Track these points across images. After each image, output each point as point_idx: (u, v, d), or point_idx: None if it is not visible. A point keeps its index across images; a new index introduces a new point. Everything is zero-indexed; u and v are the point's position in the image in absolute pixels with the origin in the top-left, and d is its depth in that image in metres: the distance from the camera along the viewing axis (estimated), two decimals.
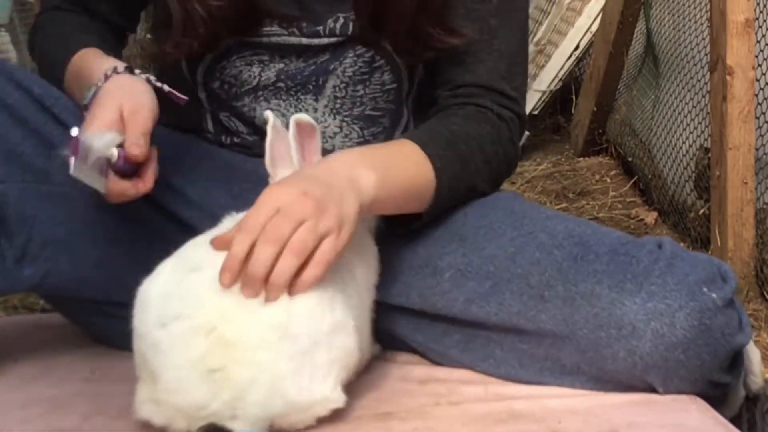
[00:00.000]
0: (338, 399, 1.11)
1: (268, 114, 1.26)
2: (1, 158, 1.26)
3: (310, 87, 1.40)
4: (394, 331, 1.32)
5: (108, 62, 1.28)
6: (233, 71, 1.40)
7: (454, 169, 1.31)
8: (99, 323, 1.41)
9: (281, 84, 1.40)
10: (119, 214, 1.29)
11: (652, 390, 1.20)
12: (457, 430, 1.14)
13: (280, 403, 1.06)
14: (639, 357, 1.17)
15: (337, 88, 1.41)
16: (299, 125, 1.22)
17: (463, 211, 1.34)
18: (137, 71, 1.26)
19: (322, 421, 1.11)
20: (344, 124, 1.43)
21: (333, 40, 1.38)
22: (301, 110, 1.41)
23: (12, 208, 1.25)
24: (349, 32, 1.37)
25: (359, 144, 1.43)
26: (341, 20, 1.37)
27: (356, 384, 1.19)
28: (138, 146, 1.18)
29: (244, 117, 1.43)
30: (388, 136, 1.45)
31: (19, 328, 1.59)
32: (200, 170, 1.34)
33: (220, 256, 1.07)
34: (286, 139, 1.22)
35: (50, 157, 1.27)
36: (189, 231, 1.22)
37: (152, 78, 1.26)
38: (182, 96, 1.28)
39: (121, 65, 1.26)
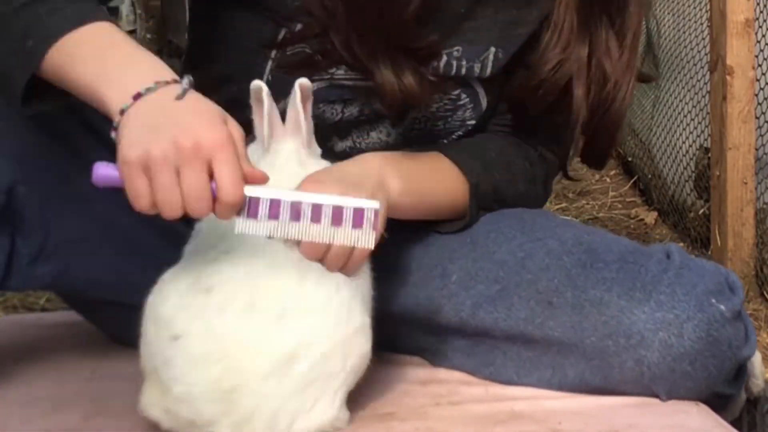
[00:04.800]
0: (344, 418, 1.11)
1: (260, 83, 1.19)
2: (24, 158, 1.25)
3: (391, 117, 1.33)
4: (396, 342, 1.32)
5: (160, 65, 1.07)
6: (316, 112, 1.28)
7: (486, 195, 1.32)
8: (112, 322, 1.41)
9: (363, 117, 1.34)
10: (135, 217, 1.27)
11: (657, 397, 1.20)
12: (457, 431, 1.14)
13: (285, 428, 1.06)
14: (647, 367, 1.17)
15: (417, 120, 1.35)
16: (302, 89, 1.19)
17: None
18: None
19: None
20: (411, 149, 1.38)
21: (432, 78, 1.28)
22: (373, 136, 1.36)
23: (33, 208, 1.24)
24: (452, 74, 1.30)
25: None
26: (444, 58, 1.29)
27: (356, 384, 1.19)
28: None
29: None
30: None
31: (19, 328, 1.59)
32: None
33: (230, 276, 1.07)
34: (275, 109, 1.19)
35: (67, 161, 1.25)
36: None
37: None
38: None
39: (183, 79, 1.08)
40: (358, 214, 1.01)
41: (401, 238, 1.31)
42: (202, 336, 1.05)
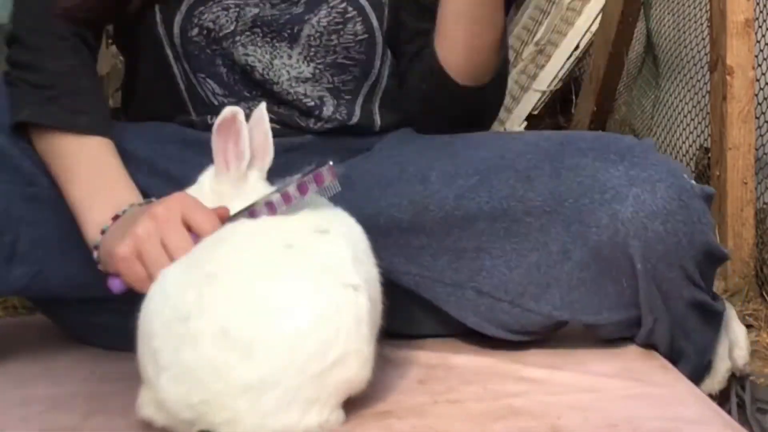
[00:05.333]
0: (336, 419, 1.10)
1: (235, 109, 1.21)
2: None
3: (285, 35, 1.43)
4: (387, 267, 1.26)
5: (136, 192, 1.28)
6: (211, 16, 1.42)
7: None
8: (87, 320, 1.42)
9: (257, 30, 1.43)
10: None
11: (634, 269, 1.23)
12: (456, 428, 1.13)
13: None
14: (621, 223, 1.21)
15: (312, 38, 1.44)
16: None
17: (451, 140, 1.40)
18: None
19: None
20: (317, 71, 1.47)
21: None
22: (276, 57, 1.45)
23: (0, 208, 1.26)
24: None
25: (328, 89, 1.48)
26: None
27: None
28: None
29: (222, 64, 1.44)
30: (357, 84, 1.51)
31: (19, 328, 1.60)
32: (197, 160, 1.34)
33: (209, 302, 1.06)
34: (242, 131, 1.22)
35: (35, 163, 1.31)
36: None
37: None
38: None
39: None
40: (318, 178, 1.14)
41: (380, 154, 1.40)
42: (180, 367, 1.05)
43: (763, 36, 2.53)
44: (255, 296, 1.06)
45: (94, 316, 1.39)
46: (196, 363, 1.04)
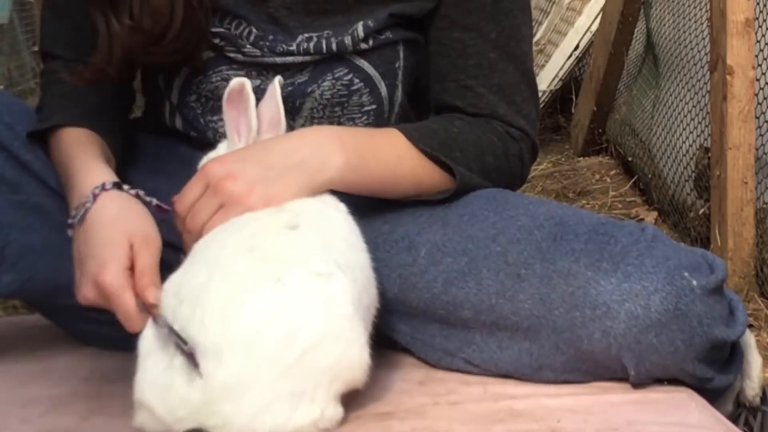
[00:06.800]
0: (332, 416, 1.09)
1: (242, 80, 1.22)
2: None
3: (287, 108, 1.32)
4: (381, 322, 1.30)
5: (96, 173, 1.25)
6: (209, 86, 1.37)
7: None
8: (82, 327, 1.41)
9: (258, 102, 1.36)
10: None
11: (627, 373, 1.20)
12: (457, 430, 1.13)
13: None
14: (613, 338, 1.17)
15: (315, 110, 1.39)
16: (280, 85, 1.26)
17: (446, 205, 1.33)
18: (126, 187, 1.23)
19: None
20: None
21: (308, 58, 1.35)
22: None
23: None
24: (323, 50, 1.34)
25: None
26: (314, 39, 1.34)
27: None
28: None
29: (214, 137, 1.41)
30: None
31: (19, 328, 1.60)
32: (181, 175, 1.34)
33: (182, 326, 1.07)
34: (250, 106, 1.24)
35: (20, 172, 1.32)
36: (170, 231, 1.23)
37: (141, 193, 1.23)
38: (168, 207, 1.24)
39: (109, 179, 1.22)
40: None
41: (368, 215, 1.31)
42: (163, 402, 1.07)
43: (763, 36, 2.53)
44: (217, 305, 1.07)
45: (83, 323, 1.39)
46: (178, 380, 1.05)
